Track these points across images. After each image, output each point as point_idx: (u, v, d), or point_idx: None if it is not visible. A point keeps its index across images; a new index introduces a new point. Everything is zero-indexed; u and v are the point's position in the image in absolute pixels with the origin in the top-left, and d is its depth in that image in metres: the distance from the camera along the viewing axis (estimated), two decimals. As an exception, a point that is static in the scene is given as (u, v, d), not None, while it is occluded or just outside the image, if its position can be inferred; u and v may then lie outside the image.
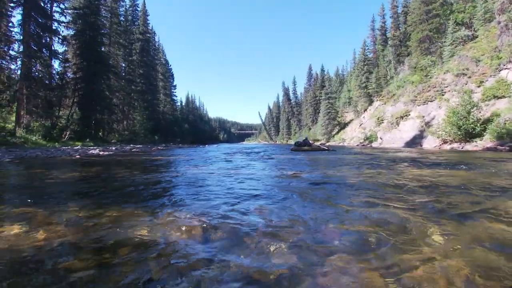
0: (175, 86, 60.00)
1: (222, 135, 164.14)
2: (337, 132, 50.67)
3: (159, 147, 24.15)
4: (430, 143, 21.34)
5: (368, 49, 46.90)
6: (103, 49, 30.13)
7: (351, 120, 49.02)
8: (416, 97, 26.15)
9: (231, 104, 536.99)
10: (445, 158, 9.94)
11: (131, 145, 22.96)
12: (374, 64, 45.43)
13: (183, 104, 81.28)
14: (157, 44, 55.15)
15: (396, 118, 26.41)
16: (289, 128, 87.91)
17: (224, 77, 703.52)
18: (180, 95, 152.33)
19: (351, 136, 40.83)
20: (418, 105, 25.39)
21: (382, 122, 33.63)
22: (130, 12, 39.18)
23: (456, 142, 18.96)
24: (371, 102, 42.63)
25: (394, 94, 36.09)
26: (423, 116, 23.89)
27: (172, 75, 59.75)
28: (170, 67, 60.12)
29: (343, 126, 51.32)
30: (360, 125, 40.43)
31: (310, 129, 71.78)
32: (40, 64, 20.90)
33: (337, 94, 63.88)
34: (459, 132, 18.22)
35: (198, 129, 73.21)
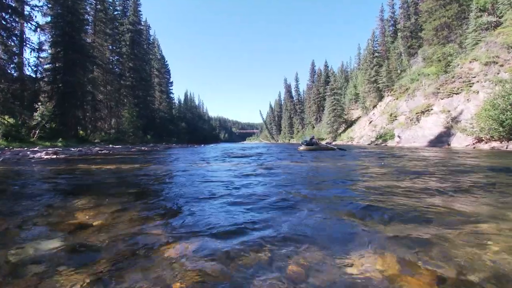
0: (171, 82, 56.97)
1: (223, 135, 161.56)
2: (344, 130, 47.47)
3: (144, 148, 21.09)
4: (460, 141, 18.18)
5: (376, 41, 43.57)
6: (87, 40, 27.19)
7: (359, 118, 45.80)
8: (439, 89, 22.94)
9: (232, 103, 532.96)
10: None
11: (111, 146, 19.87)
12: (384, 57, 42.14)
13: (182, 102, 78.31)
14: (152, 38, 52.16)
15: (416, 114, 23.15)
16: (292, 126, 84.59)
17: (225, 77, 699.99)
18: (179, 94, 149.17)
19: (360, 135, 37.63)
20: (442, 99, 22.19)
21: (396, 119, 30.54)
22: (121, 2, 36.09)
23: (495, 140, 15.81)
24: (381, 97, 39.40)
25: (407, 88, 32.91)
26: (449, 111, 20.71)
27: (169, 71, 56.67)
28: (167, 63, 57.01)
29: (350, 124, 48.12)
30: (370, 122, 37.24)
31: (313, 127, 68.60)
32: (3, 51, 17.89)
33: (342, 91, 60.59)
34: (501, 129, 15.04)
35: (196, 127, 70.11)
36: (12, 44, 19.69)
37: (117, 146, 19.61)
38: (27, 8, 21.18)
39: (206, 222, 2.12)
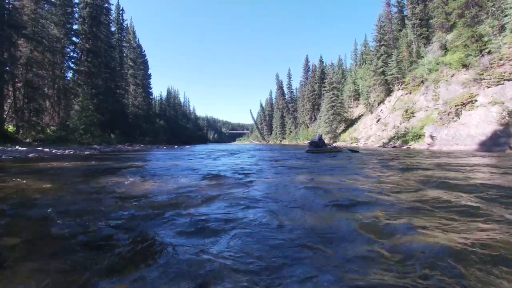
0: (150, 75, 50.39)
1: (212, 135, 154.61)
2: (344, 130, 41.97)
3: (76, 152, 14.83)
4: (531, 144, 12.67)
5: (383, 27, 38.09)
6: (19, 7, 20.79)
7: (361, 115, 40.36)
8: (482, 75, 17.47)
9: (223, 104, 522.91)
10: None
11: (24, 149, 13.46)
12: (391, 46, 36.76)
13: (164, 98, 71.38)
14: (126, 23, 45.55)
15: (456, 106, 17.53)
16: (283, 126, 78.65)
17: (215, 76, 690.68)
18: (162, 91, 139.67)
19: (366, 135, 32.12)
20: (488, 87, 16.72)
21: (413, 116, 25.16)
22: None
23: None
24: (389, 92, 33.97)
25: (423, 80, 27.58)
26: (502, 102, 15.23)
27: (146, 62, 50.03)
28: (144, 53, 50.42)
29: (351, 123, 42.67)
30: (378, 120, 31.78)
31: (308, 127, 63.01)
32: None
33: (340, 87, 55.17)
34: None
35: (178, 126, 63.45)
36: None
37: (22, 149, 13.25)
38: None
39: None
